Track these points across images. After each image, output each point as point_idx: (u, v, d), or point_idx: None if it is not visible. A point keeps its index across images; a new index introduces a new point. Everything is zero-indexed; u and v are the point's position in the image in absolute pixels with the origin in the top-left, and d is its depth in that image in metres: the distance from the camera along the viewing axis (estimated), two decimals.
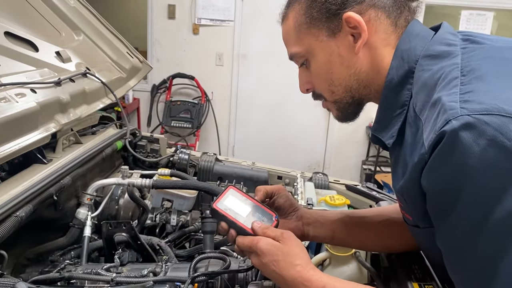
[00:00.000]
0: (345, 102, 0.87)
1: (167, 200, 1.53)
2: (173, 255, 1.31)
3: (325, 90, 0.87)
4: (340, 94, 0.86)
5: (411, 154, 0.73)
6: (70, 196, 1.29)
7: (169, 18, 4.56)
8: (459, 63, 0.71)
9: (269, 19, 4.66)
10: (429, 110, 0.69)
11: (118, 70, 1.72)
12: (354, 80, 0.84)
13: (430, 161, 0.65)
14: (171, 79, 4.65)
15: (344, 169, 4.73)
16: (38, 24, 1.56)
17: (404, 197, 0.78)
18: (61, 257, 1.27)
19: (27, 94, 1.19)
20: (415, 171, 0.69)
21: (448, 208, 0.65)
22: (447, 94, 0.66)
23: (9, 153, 1.08)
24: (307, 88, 0.92)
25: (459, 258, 0.67)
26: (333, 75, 0.85)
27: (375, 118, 0.87)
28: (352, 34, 0.81)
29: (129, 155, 1.68)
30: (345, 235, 1.06)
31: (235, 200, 0.90)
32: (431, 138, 0.64)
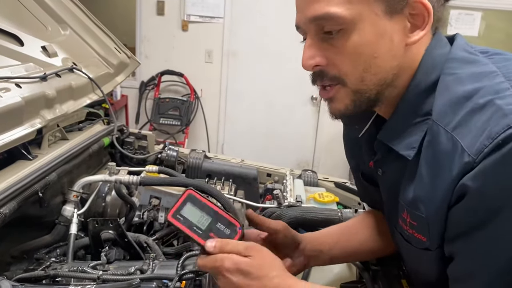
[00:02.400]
0: (367, 96, 0.73)
1: (155, 197, 1.51)
2: (160, 252, 1.29)
3: (355, 74, 0.72)
4: (370, 85, 0.72)
5: (434, 166, 0.67)
6: (55, 193, 1.27)
7: (158, 15, 4.52)
8: (497, 70, 0.66)
9: (259, 16, 4.67)
10: (468, 115, 0.63)
11: (106, 65, 1.69)
12: (392, 75, 0.72)
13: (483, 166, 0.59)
14: (159, 76, 4.62)
15: (333, 167, 4.74)
16: (23, 18, 1.53)
17: (422, 213, 0.70)
18: (46, 255, 1.24)
19: (12, 89, 1.17)
20: (452, 183, 0.63)
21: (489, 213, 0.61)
22: (501, 97, 0.61)
23: None
24: (317, 64, 0.74)
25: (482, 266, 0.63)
26: (375, 60, 0.70)
27: (386, 124, 0.78)
28: (408, 22, 0.70)
29: (117, 152, 1.65)
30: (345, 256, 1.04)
31: (193, 209, 0.80)
32: (485, 144, 0.59)
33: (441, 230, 0.68)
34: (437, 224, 0.68)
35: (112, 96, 4.38)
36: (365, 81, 0.72)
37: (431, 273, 0.77)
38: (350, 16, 0.67)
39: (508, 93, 0.62)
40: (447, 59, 0.72)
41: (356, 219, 1.10)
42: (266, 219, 0.92)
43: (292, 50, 4.53)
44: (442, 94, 0.69)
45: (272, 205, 1.45)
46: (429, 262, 0.75)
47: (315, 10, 0.69)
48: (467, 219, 0.64)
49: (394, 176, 0.79)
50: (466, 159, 0.61)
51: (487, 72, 0.67)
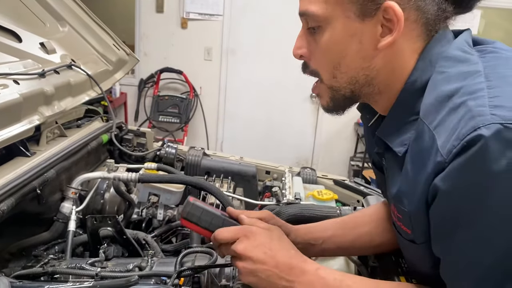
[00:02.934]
0: (342, 94, 0.79)
1: (153, 195, 1.51)
2: (159, 249, 1.29)
3: (327, 71, 0.78)
4: (342, 82, 0.77)
5: (417, 162, 0.69)
6: (54, 189, 1.27)
7: (157, 12, 4.51)
8: (481, 70, 0.67)
9: (259, 14, 4.66)
10: (447, 114, 0.64)
11: (104, 62, 1.69)
12: (363, 75, 0.76)
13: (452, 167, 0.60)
14: (159, 73, 4.61)
15: (332, 165, 4.75)
16: (22, 14, 1.53)
17: (405, 207, 0.73)
18: (44, 251, 1.24)
19: (10, 85, 1.16)
20: (427, 181, 0.65)
21: (460, 214, 0.62)
22: (474, 98, 0.62)
23: None
24: (301, 55, 0.81)
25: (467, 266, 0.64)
26: (344, 59, 0.75)
27: (384, 121, 0.81)
28: (382, 26, 0.72)
29: (115, 149, 1.65)
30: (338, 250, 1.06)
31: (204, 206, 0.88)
32: (453, 145, 0.60)
33: (424, 227, 0.69)
34: (419, 220, 0.70)
35: (111, 93, 4.38)
36: (337, 79, 0.77)
37: (421, 264, 0.78)
38: (324, 15, 0.73)
39: (481, 94, 0.62)
40: (442, 57, 0.73)
41: (358, 213, 1.11)
42: (250, 211, 0.96)
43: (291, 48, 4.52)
44: (429, 92, 0.71)
45: (271, 202, 1.45)
46: (417, 254, 0.77)
47: (300, 6, 0.77)
48: (441, 221, 0.65)
49: (391, 169, 0.81)
50: (438, 158, 0.62)
51: (472, 72, 0.67)
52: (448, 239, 0.65)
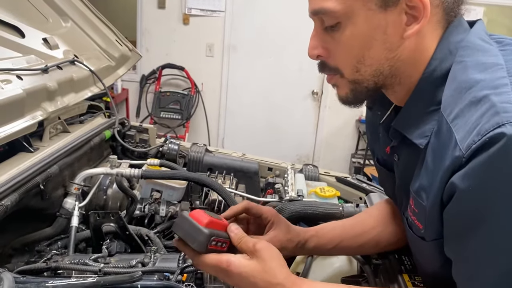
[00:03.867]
0: (365, 86, 0.76)
1: (156, 191, 1.51)
2: (162, 245, 1.29)
3: (349, 65, 0.74)
4: (365, 75, 0.74)
5: (436, 155, 0.67)
6: (57, 185, 1.27)
7: (159, 8, 4.50)
8: (503, 64, 0.65)
9: (260, 10, 4.65)
10: (466, 108, 0.62)
11: (107, 58, 1.68)
12: (388, 66, 0.73)
13: (472, 166, 0.58)
14: (160, 69, 4.61)
15: (333, 162, 4.75)
16: (24, 9, 1.52)
17: (423, 201, 0.71)
18: (47, 247, 1.24)
19: (13, 81, 1.16)
20: (444, 175, 0.63)
21: (479, 215, 0.59)
22: (497, 93, 0.60)
23: None
24: (318, 54, 0.77)
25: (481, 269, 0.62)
26: (368, 52, 0.72)
27: (401, 112, 0.79)
28: (405, 14, 0.69)
29: (118, 145, 1.65)
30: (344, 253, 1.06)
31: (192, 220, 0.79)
32: (474, 140, 0.58)
33: (436, 224, 0.68)
34: (433, 216, 0.68)
35: (112, 89, 4.38)
36: (360, 72, 0.74)
37: (429, 262, 0.77)
38: (343, 11, 0.70)
39: (505, 90, 0.60)
40: (461, 46, 0.71)
41: (364, 215, 1.09)
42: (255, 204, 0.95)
43: (293, 45, 4.54)
44: (449, 83, 0.69)
45: (274, 199, 1.45)
46: (426, 252, 0.76)
47: (314, 4, 0.73)
48: (457, 221, 0.63)
49: (407, 163, 0.79)
50: (457, 153, 0.60)
51: (493, 64, 0.65)
52: (463, 240, 0.63)
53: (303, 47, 3.05)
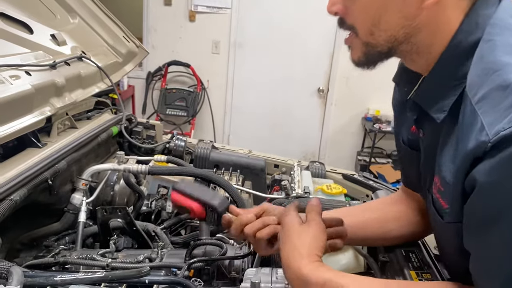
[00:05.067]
0: (378, 51, 0.74)
1: (163, 187, 1.52)
2: (168, 241, 1.30)
3: (364, 27, 0.73)
4: (379, 40, 0.73)
5: (459, 135, 0.65)
6: (65, 181, 1.28)
7: (165, 5, 4.50)
8: None
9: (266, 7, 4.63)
10: (493, 91, 0.60)
11: (114, 54, 1.69)
12: (403, 33, 0.71)
13: (497, 159, 0.56)
14: (166, 66, 4.61)
15: (339, 159, 4.73)
16: (33, 6, 1.53)
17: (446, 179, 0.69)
18: (55, 242, 1.25)
19: (22, 77, 1.17)
20: (466, 158, 0.61)
21: (500, 211, 0.57)
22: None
23: (3, 136, 1.06)
24: (336, 11, 0.76)
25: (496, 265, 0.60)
26: (384, 16, 0.71)
27: (421, 84, 0.77)
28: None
29: (125, 141, 1.66)
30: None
31: None
32: (504, 127, 0.56)
33: (458, 204, 0.66)
34: (457, 198, 0.66)
35: (119, 86, 4.39)
36: (374, 36, 0.73)
37: (450, 246, 0.75)
38: None
39: None
40: (490, 23, 0.68)
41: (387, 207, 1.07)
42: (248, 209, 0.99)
43: (299, 42, 4.53)
44: (476, 62, 0.66)
45: (280, 196, 1.44)
46: (446, 233, 0.74)
47: None
48: (477, 214, 0.61)
49: (431, 138, 0.78)
50: (483, 137, 0.58)
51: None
52: (481, 234, 0.61)
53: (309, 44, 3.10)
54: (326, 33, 4.33)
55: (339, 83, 4.55)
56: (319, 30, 4.33)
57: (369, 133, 4.51)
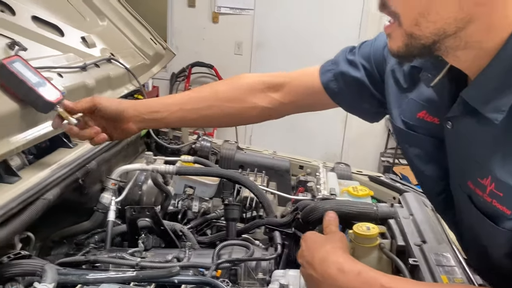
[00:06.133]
0: (422, 43, 0.67)
1: (189, 187, 1.53)
2: (195, 241, 1.31)
3: (409, 16, 0.66)
4: (425, 32, 0.66)
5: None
6: (94, 180, 1.30)
7: (189, 6, 4.55)
8: None
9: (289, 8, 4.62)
10: None
11: (142, 56, 1.72)
12: (454, 27, 0.64)
13: None
14: (190, 67, 4.66)
15: (362, 160, 4.69)
16: (63, 8, 1.57)
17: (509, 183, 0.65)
18: (85, 240, 1.28)
19: (54, 78, 1.20)
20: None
21: None
22: None
23: (37, 136, 1.09)
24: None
25: None
26: (434, 7, 0.64)
27: (473, 82, 0.71)
28: None
29: (152, 142, 1.68)
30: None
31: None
32: None
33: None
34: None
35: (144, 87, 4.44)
36: (420, 26, 0.66)
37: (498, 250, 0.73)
38: None
39: None
40: None
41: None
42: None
43: (321, 42, 4.50)
44: None
45: (306, 197, 1.44)
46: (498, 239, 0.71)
47: None
48: None
49: (467, 134, 0.74)
50: None
51: None
52: None
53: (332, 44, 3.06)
54: (349, 32, 4.30)
55: None
56: (342, 30, 4.30)
57: (392, 133, 4.45)
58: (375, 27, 4.20)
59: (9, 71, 0.99)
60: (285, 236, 1.22)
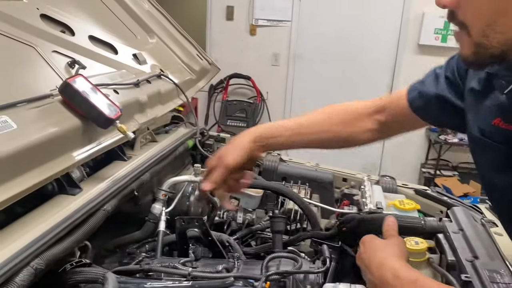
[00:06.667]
0: (490, 52, 0.68)
1: (234, 198, 1.56)
2: (241, 252, 1.33)
3: (477, 27, 0.67)
4: (493, 42, 0.66)
5: None
6: (146, 191, 1.35)
7: (227, 20, 4.64)
8: None
9: (326, 19, 4.63)
10: None
11: (189, 71, 1.78)
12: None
13: None
14: (228, 79, 4.74)
15: (401, 172, 4.60)
16: (116, 27, 1.65)
17: None
18: (137, 249, 1.33)
19: (111, 95, 1.26)
20: None
21: None
22: None
23: (96, 150, 1.15)
24: (445, 4, 0.70)
25: None
26: (502, 17, 0.64)
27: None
28: None
29: (198, 153, 1.73)
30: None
31: None
32: None
33: None
34: None
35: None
36: (488, 37, 0.66)
37: None
38: None
39: None
40: None
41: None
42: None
43: (359, 53, 4.48)
44: None
45: (352, 210, 1.44)
46: None
47: None
48: None
49: None
50: None
51: None
52: None
53: (370, 55, 3.05)
54: (387, 43, 4.27)
55: None
56: (380, 40, 4.27)
57: (434, 144, 4.36)
58: (415, 36, 4.15)
59: (73, 89, 1.06)
60: (331, 249, 1.23)
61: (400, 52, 4.30)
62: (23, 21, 1.19)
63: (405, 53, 4.25)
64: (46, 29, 1.27)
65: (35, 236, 0.86)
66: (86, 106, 1.08)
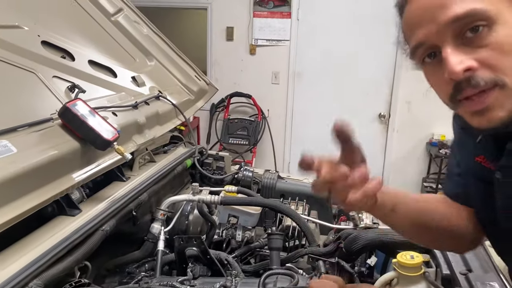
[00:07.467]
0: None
1: (233, 216, 1.58)
2: (240, 270, 1.34)
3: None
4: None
5: None
6: (145, 211, 1.37)
7: (227, 40, 4.71)
8: None
9: (324, 37, 4.69)
10: None
11: (187, 92, 1.81)
12: None
13: None
14: (229, 98, 4.78)
15: (403, 186, 4.60)
16: (115, 51, 1.69)
17: None
18: (136, 269, 1.34)
19: (110, 117, 1.30)
20: None
21: None
22: None
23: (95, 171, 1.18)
24: (468, 68, 0.62)
25: None
26: None
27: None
28: None
29: (197, 172, 1.75)
30: None
31: None
32: None
33: None
34: None
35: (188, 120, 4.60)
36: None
37: None
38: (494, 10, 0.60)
39: None
40: None
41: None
42: None
43: (357, 69, 4.53)
44: None
45: (348, 226, 1.46)
46: None
47: (455, 10, 0.61)
48: None
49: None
50: None
51: None
52: None
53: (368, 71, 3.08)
54: (386, 58, 4.31)
55: (401, 108, 4.48)
56: (378, 55, 4.32)
57: (434, 158, 4.36)
58: None
59: (72, 113, 1.09)
60: (328, 265, 1.24)
61: (398, 68, 4.34)
62: (24, 48, 1.23)
63: (403, 68, 4.30)
64: (47, 55, 1.31)
65: (34, 257, 0.88)
66: (84, 129, 1.11)
